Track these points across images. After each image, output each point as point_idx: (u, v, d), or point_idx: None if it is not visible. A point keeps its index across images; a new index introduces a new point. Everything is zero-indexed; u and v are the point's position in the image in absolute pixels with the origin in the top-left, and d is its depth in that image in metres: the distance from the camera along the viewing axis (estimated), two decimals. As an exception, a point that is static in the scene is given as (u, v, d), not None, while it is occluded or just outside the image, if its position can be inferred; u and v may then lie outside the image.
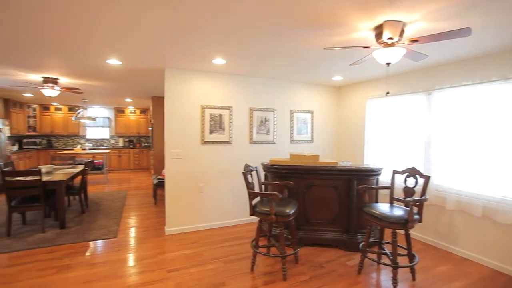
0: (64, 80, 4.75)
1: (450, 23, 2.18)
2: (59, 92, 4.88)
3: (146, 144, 10.33)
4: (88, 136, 9.79)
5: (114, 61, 3.45)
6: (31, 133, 8.73)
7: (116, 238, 3.65)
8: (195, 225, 3.98)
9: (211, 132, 4.01)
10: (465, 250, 3.19)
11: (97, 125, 9.79)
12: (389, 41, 2.20)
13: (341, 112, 5.18)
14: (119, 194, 6.18)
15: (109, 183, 7.47)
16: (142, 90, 5.91)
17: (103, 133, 9.96)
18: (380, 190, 3.94)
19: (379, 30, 2.23)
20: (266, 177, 3.70)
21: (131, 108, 9.96)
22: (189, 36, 2.58)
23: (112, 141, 10.07)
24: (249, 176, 2.85)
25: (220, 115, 4.07)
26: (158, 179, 5.22)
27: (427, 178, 2.58)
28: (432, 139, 3.52)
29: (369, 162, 4.49)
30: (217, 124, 4.05)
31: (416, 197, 2.48)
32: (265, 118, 4.45)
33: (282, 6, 1.94)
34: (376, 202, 3.45)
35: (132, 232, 3.90)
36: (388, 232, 3.74)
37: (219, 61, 3.41)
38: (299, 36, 2.53)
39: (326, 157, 5.08)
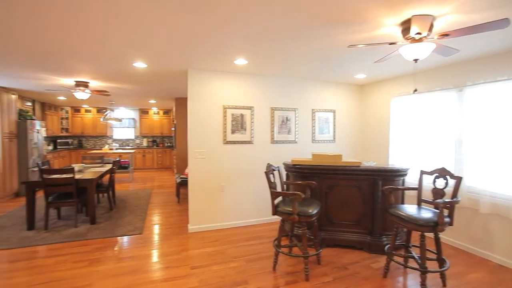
0: (94, 83, 5.00)
1: (483, 15, 2.06)
2: (90, 95, 5.16)
3: (169, 144, 10.63)
4: (115, 137, 10.24)
5: (140, 64, 3.59)
6: (64, 133, 9.27)
7: (141, 235, 3.79)
8: (217, 223, 4.04)
9: (233, 132, 4.06)
10: (501, 257, 2.99)
11: (123, 126, 10.21)
12: (417, 36, 2.12)
13: (364, 111, 5.05)
14: (144, 192, 6.41)
15: (134, 182, 7.76)
16: (166, 91, 6.09)
17: (129, 133, 10.38)
18: (406, 191, 3.80)
19: (406, 26, 2.15)
20: (287, 177, 3.68)
21: (154, 109, 10.30)
22: (212, 38, 2.63)
23: (137, 141, 10.47)
24: (271, 175, 2.85)
25: (242, 115, 4.10)
26: (181, 178, 5.35)
27: (458, 179, 2.46)
28: (464, 138, 3.34)
29: (394, 162, 4.34)
30: (238, 124, 4.09)
31: (447, 199, 2.36)
32: (287, 118, 4.43)
33: (305, 5, 1.93)
34: (402, 203, 3.34)
35: (157, 229, 4.03)
36: (415, 235, 3.60)
37: (240, 61, 3.44)
38: (322, 35, 2.50)
39: (349, 157, 4.97)
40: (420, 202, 2.80)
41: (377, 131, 4.75)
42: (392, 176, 3.22)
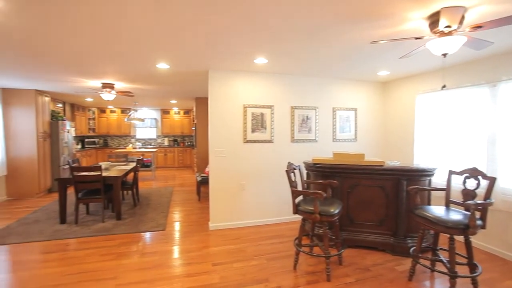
0: (119, 85, 5.20)
1: (521, 4, 1.93)
2: (115, 96, 5.37)
3: (189, 143, 10.85)
4: (138, 136, 10.60)
5: (163, 65, 3.69)
6: (91, 133, 9.72)
7: (164, 231, 3.90)
8: (237, 222, 4.08)
9: (253, 131, 4.07)
10: (540, 263, 2.80)
11: (145, 125, 10.55)
12: (447, 30, 2.02)
13: (387, 108, 4.89)
14: (166, 190, 6.59)
15: (156, 180, 8.00)
16: (187, 91, 6.22)
17: (151, 133, 10.70)
18: (433, 192, 3.65)
19: (434, 19, 2.06)
20: (308, 176, 3.65)
21: (175, 109, 10.55)
22: (232, 37, 2.65)
23: (159, 140, 10.78)
24: (292, 174, 2.84)
25: (262, 114, 4.11)
26: (202, 176, 5.45)
27: (492, 180, 2.32)
28: (498, 137, 3.15)
29: (419, 161, 4.17)
30: (258, 123, 4.10)
31: (478, 200, 2.24)
32: (307, 116, 4.39)
33: (329, 2, 1.90)
34: (429, 204, 3.20)
35: (179, 226, 4.13)
36: (443, 238, 3.44)
37: (261, 60, 3.45)
38: (344, 31, 2.46)
39: (371, 156, 4.84)
40: (448, 203, 2.68)
41: (400, 130, 4.59)
42: (417, 176, 3.10)
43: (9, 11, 2.06)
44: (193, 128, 9.42)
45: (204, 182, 5.33)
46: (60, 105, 7.59)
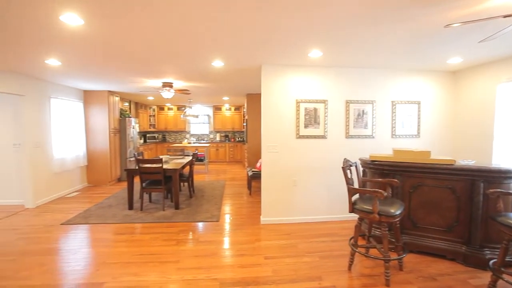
0: (177, 83, 5.57)
1: None
2: (173, 94, 5.76)
3: (239, 139, 11.16)
4: (192, 132, 11.26)
5: (218, 63, 3.83)
6: (151, 129, 10.63)
7: (218, 222, 4.08)
8: (289, 217, 4.07)
9: (305, 126, 4.00)
10: None
11: (199, 121, 11.15)
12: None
13: (457, 101, 4.35)
14: (218, 183, 6.89)
15: (209, 173, 8.41)
16: (238, 88, 6.38)
17: (204, 128, 11.28)
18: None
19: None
20: (364, 173, 3.45)
21: (226, 106, 10.92)
22: (286, 32, 2.62)
23: (211, 136, 11.30)
24: (348, 171, 2.71)
25: (315, 109, 4.01)
26: (253, 171, 5.56)
27: None
28: None
29: (499, 161, 3.63)
30: (311, 118, 4.01)
31: None
32: (363, 111, 4.15)
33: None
34: (513, 211, 2.77)
35: (231, 218, 4.29)
36: (529, 251, 2.95)
37: (315, 53, 3.35)
38: (410, 16, 2.24)
39: (437, 154, 4.37)
40: (540, 210, 2.28)
41: (475, 125, 4.04)
42: (499, 178, 2.69)
43: (95, 23, 2.34)
44: (244, 124, 9.65)
45: (255, 177, 5.42)
46: (127, 103, 8.45)
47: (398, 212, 2.44)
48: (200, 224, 3.99)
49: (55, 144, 5.46)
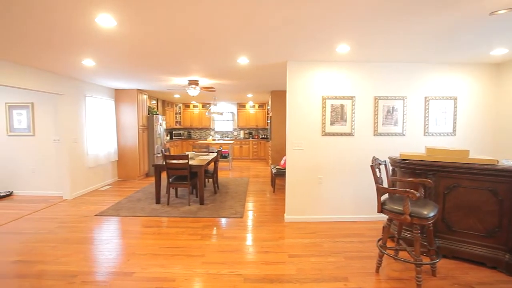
0: (203, 81, 5.67)
1: None
2: (199, 91, 5.87)
3: (263, 136, 11.16)
4: (216, 129, 11.43)
5: (243, 60, 3.84)
6: (177, 126, 10.94)
7: (242, 218, 4.12)
8: (313, 216, 4.00)
9: (332, 123, 3.90)
10: None
11: (223, 119, 11.29)
12: None
13: (501, 96, 4.01)
14: (242, 180, 6.94)
15: (233, 170, 8.50)
16: (263, 85, 6.37)
17: (228, 126, 11.41)
18: None
19: None
20: (393, 172, 3.30)
21: (250, 103, 10.96)
22: (314, 26, 2.55)
23: (235, 133, 11.40)
24: (377, 170, 2.61)
25: (342, 106, 3.89)
26: (277, 169, 5.53)
27: None
28: None
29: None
30: (338, 115, 3.90)
31: None
32: (393, 108, 3.96)
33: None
34: None
35: (255, 215, 4.30)
36: None
37: (343, 48, 3.24)
38: (451, 3, 2.09)
39: (475, 154, 4.06)
40: None
41: (520, 122, 3.71)
42: (548, 180, 2.45)
43: (126, 23, 2.43)
44: (268, 121, 9.62)
45: (279, 175, 5.39)
46: (154, 101, 8.75)
47: (431, 214, 2.30)
48: (224, 220, 4.05)
49: (89, 140, 5.79)
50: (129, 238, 3.39)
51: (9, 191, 5.47)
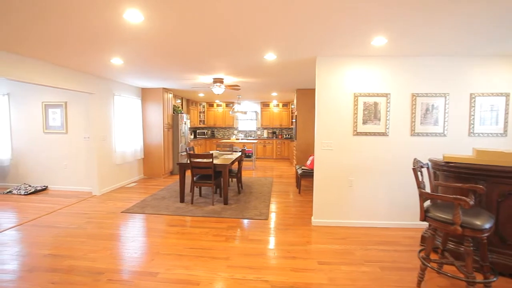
0: (227, 79, 5.59)
1: None
2: (224, 89, 5.80)
3: (287, 136, 10.95)
4: (240, 128, 11.39)
5: (270, 56, 3.69)
6: (201, 125, 11.02)
7: (266, 220, 3.97)
8: (343, 220, 3.77)
9: (364, 122, 3.64)
10: None
11: (246, 118, 11.22)
12: None
13: (561, 93, 3.54)
14: (266, 180, 6.80)
15: (256, 170, 8.38)
16: (289, 83, 6.18)
17: (251, 125, 11.32)
18: None
19: None
20: (435, 176, 3.00)
21: (274, 102, 10.79)
22: (345, 17, 2.35)
23: (258, 132, 11.29)
24: (419, 173, 2.35)
25: (375, 104, 3.62)
26: (303, 169, 5.33)
27: None
28: None
29: None
30: (371, 113, 3.63)
31: None
32: (433, 105, 3.62)
33: None
34: None
35: (280, 217, 4.14)
36: None
37: (379, 41, 2.99)
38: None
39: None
40: None
41: None
42: None
43: (154, 17, 2.38)
44: (293, 121, 9.41)
45: (305, 175, 5.19)
46: (179, 100, 8.84)
47: (487, 226, 2.02)
48: (249, 221, 3.93)
49: (117, 138, 5.93)
50: (153, 236, 3.37)
51: (44, 186, 5.74)
